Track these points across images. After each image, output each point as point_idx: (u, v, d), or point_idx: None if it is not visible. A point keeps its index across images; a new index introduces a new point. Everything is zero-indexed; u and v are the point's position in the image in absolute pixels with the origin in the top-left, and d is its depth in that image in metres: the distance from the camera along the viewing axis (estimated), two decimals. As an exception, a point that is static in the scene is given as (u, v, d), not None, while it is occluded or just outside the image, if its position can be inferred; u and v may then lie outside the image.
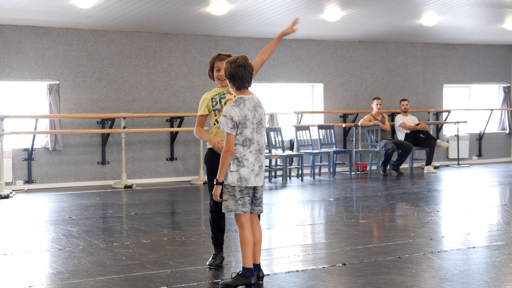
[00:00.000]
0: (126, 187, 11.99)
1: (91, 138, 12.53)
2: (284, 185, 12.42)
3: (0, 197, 10.65)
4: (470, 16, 13.53)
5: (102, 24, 12.21)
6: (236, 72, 5.09)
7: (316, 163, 13.89)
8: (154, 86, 13.12)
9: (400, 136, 14.59)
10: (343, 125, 14.65)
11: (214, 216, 5.81)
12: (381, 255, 6.17)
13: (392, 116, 15.38)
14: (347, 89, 15.12)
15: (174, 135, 13.14)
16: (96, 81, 12.59)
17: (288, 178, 13.18)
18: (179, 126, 13.07)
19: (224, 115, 5.07)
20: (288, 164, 13.24)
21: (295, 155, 13.06)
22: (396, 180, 13.01)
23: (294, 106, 14.64)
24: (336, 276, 5.48)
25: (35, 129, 11.81)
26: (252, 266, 5.14)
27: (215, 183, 5.13)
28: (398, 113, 14.99)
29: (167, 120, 13.20)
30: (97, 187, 12.17)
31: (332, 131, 14.23)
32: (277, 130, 13.22)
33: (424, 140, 14.56)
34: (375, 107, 14.27)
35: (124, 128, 12.17)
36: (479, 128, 16.83)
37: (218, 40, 13.61)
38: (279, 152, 13.11)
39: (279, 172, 13.55)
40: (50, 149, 12.13)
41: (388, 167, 14.04)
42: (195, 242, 6.98)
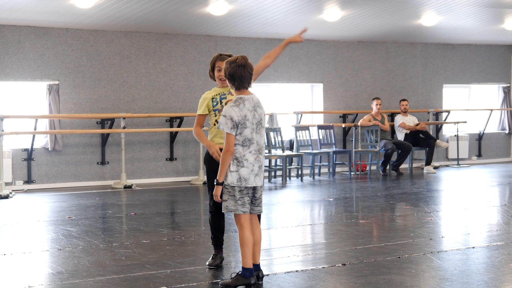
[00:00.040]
0: (125, 187, 11.99)
1: (91, 138, 12.53)
2: (283, 185, 12.42)
3: (0, 197, 10.65)
4: (470, 16, 13.53)
5: (101, 24, 12.21)
6: (235, 72, 5.09)
7: (315, 163, 13.89)
8: (154, 86, 13.11)
9: (400, 136, 14.59)
10: (343, 125, 14.65)
11: (213, 216, 5.81)
12: (380, 255, 6.17)
13: (392, 116, 15.38)
14: (346, 89, 15.11)
15: (173, 135, 13.14)
16: (95, 81, 12.59)
17: (287, 178, 13.18)
18: (179, 126, 13.07)
19: (224, 115, 5.06)
20: (287, 164, 13.24)
21: (295, 155, 13.06)
22: (395, 180, 13.01)
23: (293, 106, 14.63)
24: (335, 276, 5.48)
25: (35, 129, 11.81)
26: (252, 266, 5.14)
27: (215, 184, 5.13)
28: (398, 113, 14.99)
29: (166, 120, 13.20)
30: (96, 187, 12.16)
31: (331, 131, 14.23)
32: (276, 130, 13.22)
33: (424, 140, 14.55)
34: (374, 107, 14.27)
35: (124, 128, 12.17)
36: (479, 128, 16.83)
37: (218, 40, 13.61)
38: (279, 152, 13.11)
39: (279, 172, 13.54)
40: (49, 149, 12.13)
41: (387, 167, 14.03)
42: (195, 242, 6.98)
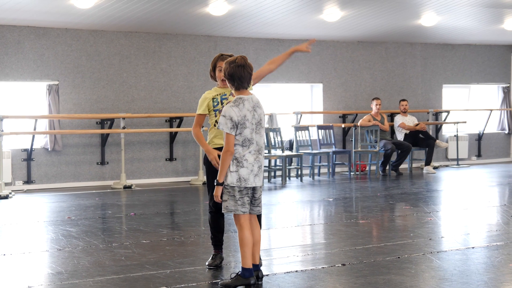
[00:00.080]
0: (125, 187, 11.98)
1: (91, 138, 12.53)
2: (283, 185, 12.42)
3: (0, 197, 10.65)
4: (470, 16, 13.53)
5: (101, 25, 12.21)
6: (235, 72, 5.09)
7: (315, 164, 13.89)
8: (153, 87, 13.11)
9: (400, 136, 14.59)
10: (343, 125, 14.65)
11: (213, 217, 5.81)
12: (380, 255, 6.17)
13: (392, 116, 15.38)
14: (346, 89, 15.11)
15: (173, 136, 13.14)
16: (95, 81, 12.59)
17: (287, 179, 13.18)
18: (178, 126, 13.06)
19: (224, 115, 5.06)
20: (287, 165, 13.24)
21: (295, 156, 13.06)
22: (395, 180, 13.01)
23: (293, 106, 14.63)
24: (335, 277, 5.48)
25: (35, 129, 11.80)
26: (252, 267, 5.14)
27: (215, 184, 5.13)
28: (398, 113, 14.99)
29: (166, 121, 13.20)
30: (96, 188, 12.16)
31: (331, 131, 14.23)
32: (276, 131, 13.22)
33: (424, 140, 14.55)
34: (374, 107, 14.27)
35: (124, 128, 12.16)
36: (479, 128, 16.83)
37: (218, 40, 13.61)
38: (279, 152, 13.11)
39: (279, 173, 13.54)
40: (49, 149, 12.13)
41: (387, 167, 14.03)
42: (195, 243, 6.98)
